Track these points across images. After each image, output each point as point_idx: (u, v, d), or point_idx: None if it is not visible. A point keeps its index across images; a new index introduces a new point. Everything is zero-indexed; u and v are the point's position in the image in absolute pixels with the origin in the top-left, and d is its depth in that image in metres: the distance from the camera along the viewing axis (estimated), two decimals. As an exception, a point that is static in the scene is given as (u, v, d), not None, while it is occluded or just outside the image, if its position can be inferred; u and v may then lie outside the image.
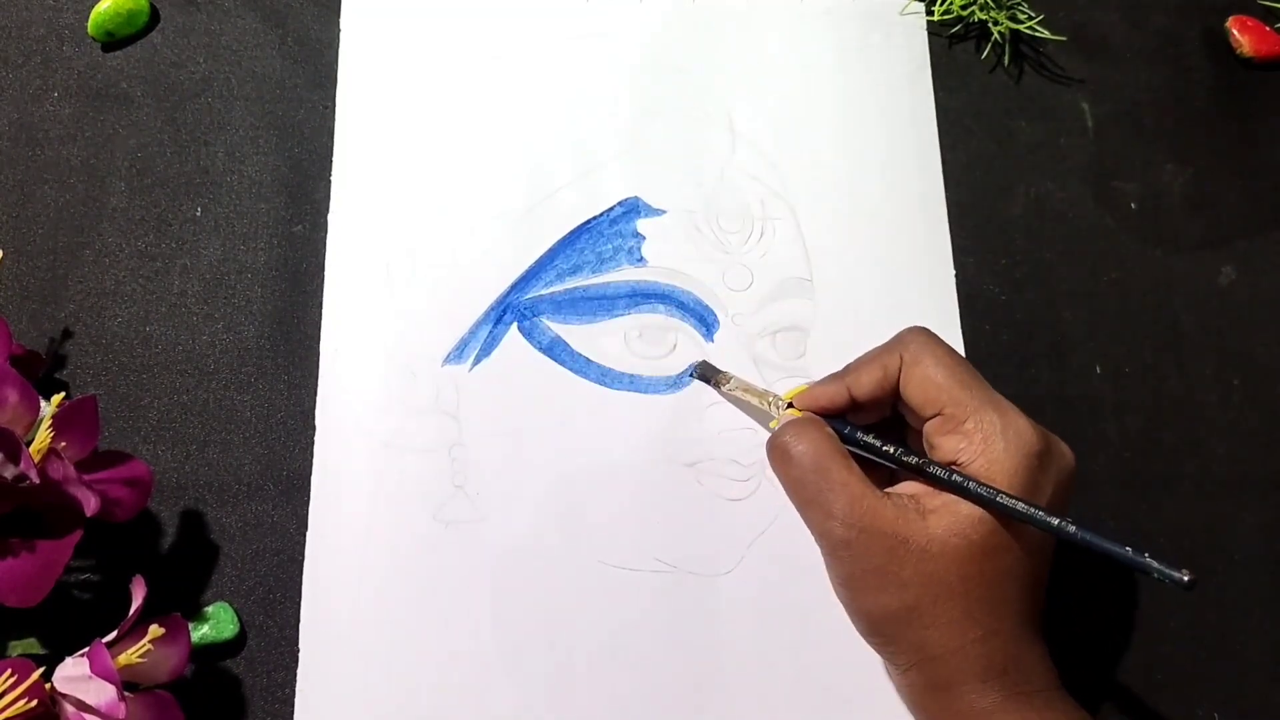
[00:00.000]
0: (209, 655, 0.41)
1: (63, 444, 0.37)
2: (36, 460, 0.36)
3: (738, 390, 0.44)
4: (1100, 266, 0.50)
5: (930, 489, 0.38)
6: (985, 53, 0.53)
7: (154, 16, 0.50)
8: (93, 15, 0.48)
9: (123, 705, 0.34)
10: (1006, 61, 0.52)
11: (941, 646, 0.37)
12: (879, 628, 0.38)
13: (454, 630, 0.42)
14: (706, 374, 0.45)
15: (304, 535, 0.43)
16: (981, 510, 0.37)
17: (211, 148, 0.48)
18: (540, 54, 0.50)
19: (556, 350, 0.46)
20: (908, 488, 0.39)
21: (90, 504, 0.36)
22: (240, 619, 0.42)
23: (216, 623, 0.41)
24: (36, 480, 0.35)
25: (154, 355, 0.45)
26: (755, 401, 0.43)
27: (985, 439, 0.37)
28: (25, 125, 0.48)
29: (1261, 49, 0.53)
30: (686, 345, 0.46)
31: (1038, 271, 0.49)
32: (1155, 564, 0.34)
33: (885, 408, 0.41)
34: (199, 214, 0.47)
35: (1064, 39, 0.53)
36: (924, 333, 0.41)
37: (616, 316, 0.46)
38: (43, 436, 0.36)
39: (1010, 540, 0.37)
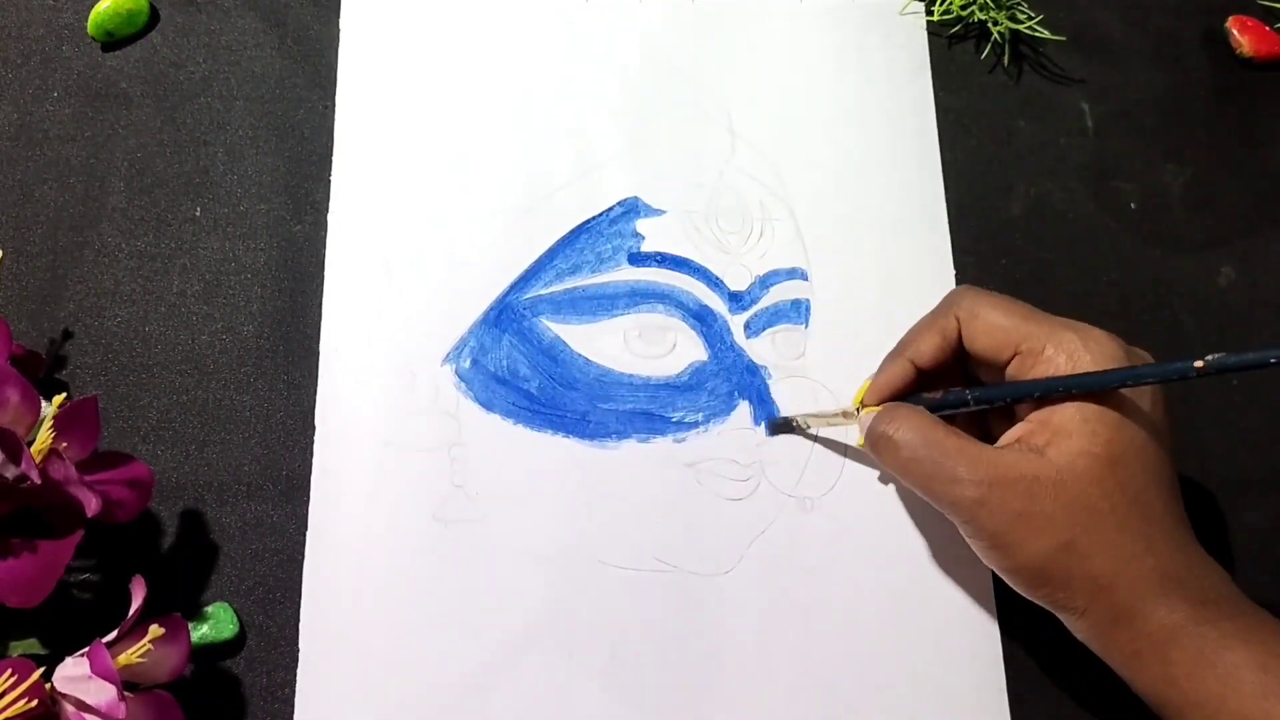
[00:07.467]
0: (209, 655, 0.41)
1: (64, 444, 0.37)
2: (38, 461, 0.36)
3: (814, 424, 0.45)
4: (1100, 266, 0.50)
5: (1033, 427, 0.38)
6: (985, 53, 0.52)
7: (154, 16, 0.50)
8: (93, 15, 0.48)
9: (123, 705, 0.34)
10: (1006, 61, 0.52)
11: (1110, 572, 0.36)
12: (1045, 574, 0.37)
13: (454, 630, 0.42)
14: (780, 428, 0.45)
15: (304, 535, 0.43)
16: (1093, 425, 0.36)
17: (211, 148, 0.48)
18: (540, 54, 0.50)
19: (556, 350, 0.46)
20: (1011, 436, 0.39)
21: (91, 505, 0.36)
22: (240, 619, 0.42)
23: (216, 623, 0.41)
24: (38, 481, 0.35)
25: (154, 355, 0.45)
26: (833, 424, 0.44)
27: (1069, 356, 0.37)
28: (25, 125, 0.48)
29: (1261, 49, 0.53)
30: (686, 345, 0.46)
31: (1038, 271, 0.49)
32: None
33: (950, 376, 0.41)
34: (199, 214, 0.47)
35: (1064, 39, 0.53)
36: (971, 288, 0.41)
37: (616, 316, 0.46)
38: (44, 437, 0.36)
39: (1132, 437, 0.37)
